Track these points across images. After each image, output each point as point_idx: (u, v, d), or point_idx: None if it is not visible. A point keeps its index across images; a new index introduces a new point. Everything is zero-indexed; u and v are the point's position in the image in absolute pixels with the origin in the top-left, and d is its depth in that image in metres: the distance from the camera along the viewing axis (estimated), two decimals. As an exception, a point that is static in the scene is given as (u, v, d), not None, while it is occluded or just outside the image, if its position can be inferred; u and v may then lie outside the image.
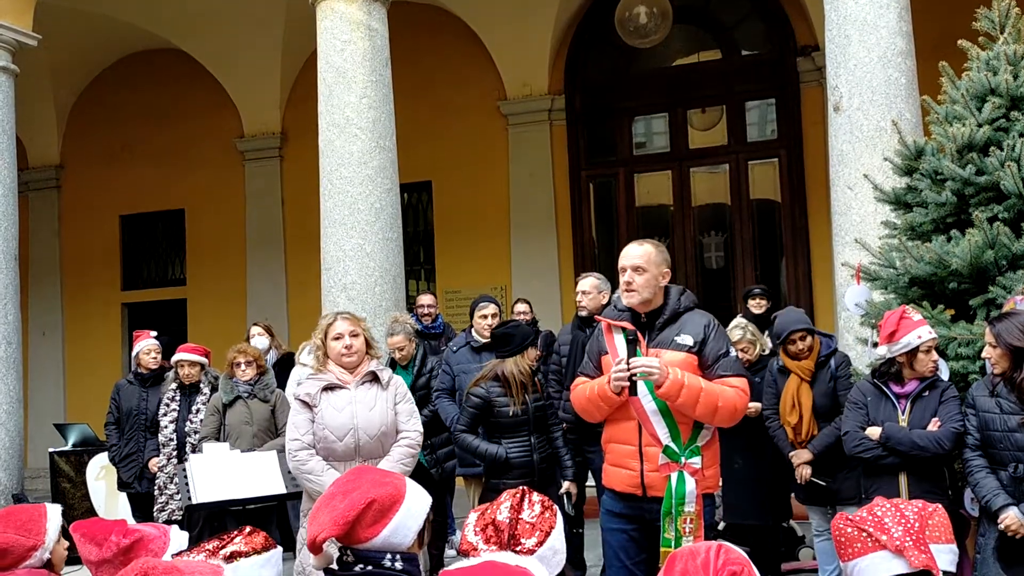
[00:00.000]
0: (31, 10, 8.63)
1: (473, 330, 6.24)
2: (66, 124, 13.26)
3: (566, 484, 5.31)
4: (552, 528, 2.23)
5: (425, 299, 7.51)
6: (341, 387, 4.42)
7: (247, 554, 2.30)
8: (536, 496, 2.28)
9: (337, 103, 7.30)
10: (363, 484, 2.28)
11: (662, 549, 3.66)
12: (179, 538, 2.79)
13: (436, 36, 11.40)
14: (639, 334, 3.77)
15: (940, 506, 2.07)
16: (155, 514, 6.62)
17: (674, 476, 3.65)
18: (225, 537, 2.38)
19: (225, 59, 11.94)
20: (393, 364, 6.49)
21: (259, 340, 7.34)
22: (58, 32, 11.44)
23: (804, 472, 5.30)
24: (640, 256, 3.81)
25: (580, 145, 11.29)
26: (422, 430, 4.55)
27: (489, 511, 2.26)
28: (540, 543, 2.18)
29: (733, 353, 3.79)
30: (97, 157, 13.00)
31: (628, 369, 3.66)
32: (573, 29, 11.35)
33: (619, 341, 3.83)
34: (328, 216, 7.30)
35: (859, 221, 6.13)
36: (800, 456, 5.31)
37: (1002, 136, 4.70)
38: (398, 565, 2.26)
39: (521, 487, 2.33)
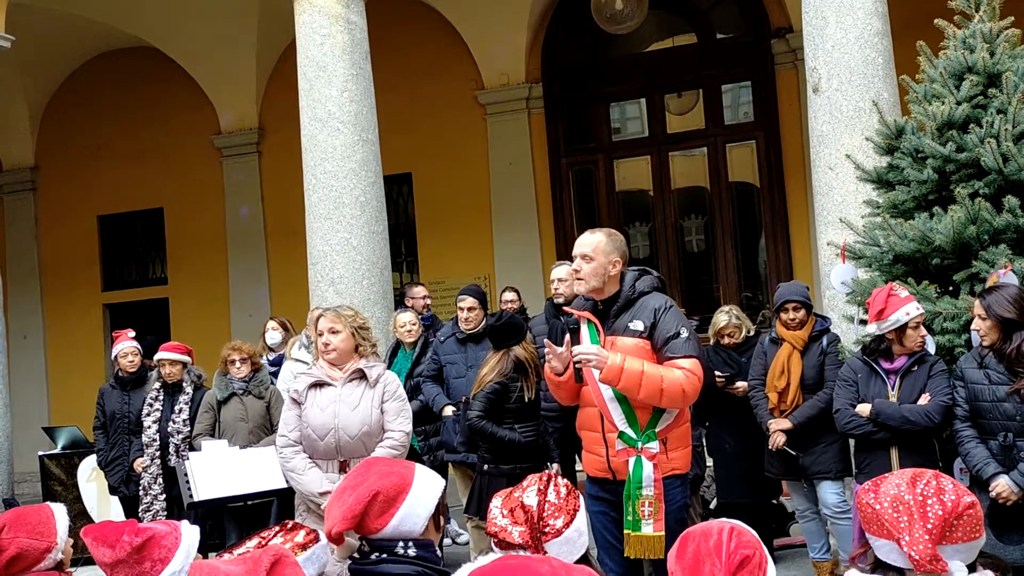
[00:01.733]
0: (3, 11, 8.53)
1: (459, 321, 6.29)
2: (40, 125, 13.13)
3: (555, 466, 5.38)
4: (577, 510, 2.29)
5: (419, 291, 7.53)
6: (329, 384, 4.40)
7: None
8: (561, 480, 2.35)
9: (318, 97, 7.29)
10: (370, 477, 2.34)
11: (625, 531, 3.74)
12: (190, 533, 2.81)
13: (412, 28, 11.36)
14: (598, 324, 3.85)
15: (977, 502, 2.05)
16: (140, 514, 6.58)
17: (631, 460, 3.71)
18: (266, 535, 2.42)
19: (200, 56, 11.85)
20: (396, 346, 6.53)
21: (273, 335, 7.35)
22: (30, 32, 11.31)
23: (778, 440, 5.38)
24: (588, 245, 3.87)
25: (559, 132, 11.32)
26: (409, 430, 4.49)
27: (516, 494, 2.31)
28: (567, 524, 2.25)
29: (684, 334, 3.79)
30: (73, 158, 12.88)
31: (571, 357, 3.74)
32: (548, 17, 11.36)
33: (584, 330, 3.90)
34: (313, 211, 7.30)
35: (840, 201, 6.21)
36: (779, 423, 5.39)
37: (980, 113, 4.79)
38: (411, 552, 2.31)
39: (546, 472, 2.39)
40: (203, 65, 11.96)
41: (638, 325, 3.81)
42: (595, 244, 3.86)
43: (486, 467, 5.26)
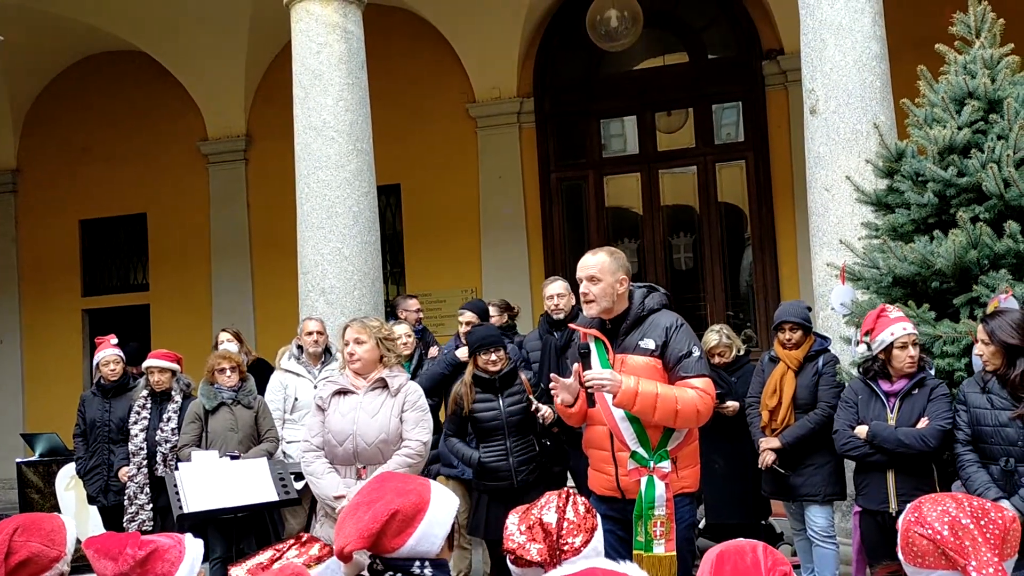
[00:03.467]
0: (-9, 10, 8.42)
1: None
2: (23, 126, 12.96)
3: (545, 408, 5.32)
4: (594, 528, 2.26)
5: (412, 304, 7.48)
6: (352, 392, 4.52)
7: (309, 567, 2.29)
8: (580, 498, 2.31)
9: (313, 106, 7.24)
10: (386, 494, 2.27)
11: (634, 552, 3.69)
12: (194, 546, 2.75)
13: (405, 39, 11.34)
14: (606, 342, 3.82)
15: (1016, 517, 2.04)
16: (125, 525, 6.47)
17: (643, 480, 3.67)
18: (280, 548, 2.36)
19: (188, 61, 11.76)
20: None
21: (228, 347, 7.23)
22: (15, 32, 11.18)
23: (767, 458, 5.39)
24: (594, 266, 3.83)
25: (549, 147, 11.32)
26: (428, 440, 4.57)
27: (534, 511, 2.28)
28: (585, 543, 2.21)
29: (696, 353, 3.77)
30: (56, 160, 12.72)
31: (582, 383, 3.71)
32: (542, 32, 11.37)
33: (593, 351, 3.85)
34: (305, 220, 7.23)
35: (836, 222, 6.22)
36: (768, 443, 5.40)
37: (981, 139, 4.82)
38: (427, 572, 2.26)
39: (566, 489, 2.35)
40: (191, 71, 11.86)
41: (649, 343, 3.77)
42: (600, 264, 3.83)
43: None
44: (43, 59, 12.44)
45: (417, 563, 2.24)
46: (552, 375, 3.90)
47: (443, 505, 2.31)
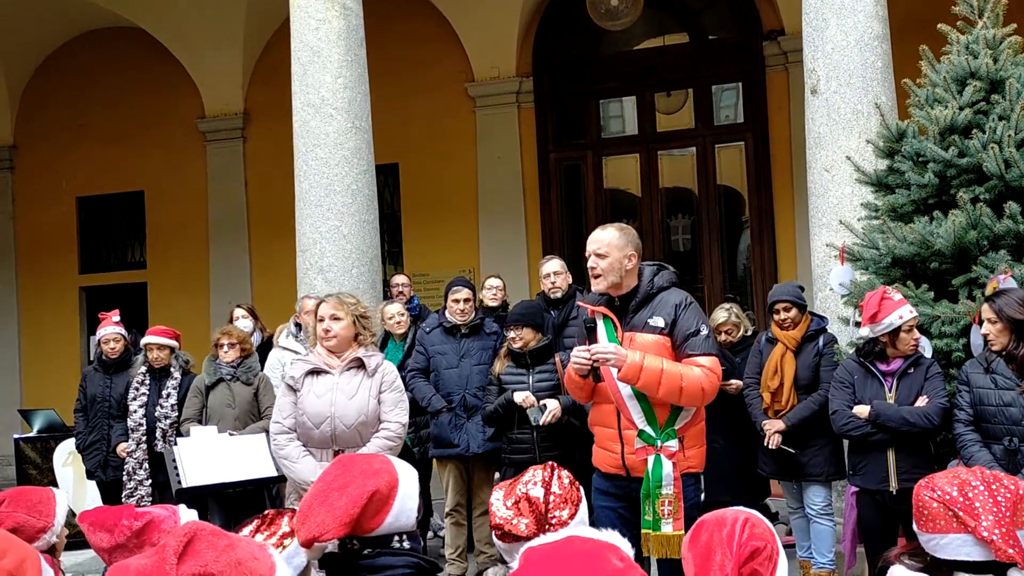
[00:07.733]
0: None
1: (447, 312, 6.23)
2: (19, 103, 12.88)
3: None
4: (580, 500, 2.27)
5: (399, 279, 7.47)
6: (326, 372, 4.32)
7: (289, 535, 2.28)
8: (564, 471, 2.32)
9: (312, 83, 7.19)
10: (355, 476, 2.24)
11: (642, 531, 3.70)
12: (188, 516, 2.76)
13: (404, 17, 11.27)
14: (614, 318, 3.82)
15: None
16: (123, 500, 6.50)
17: (651, 459, 3.68)
18: (248, 530, 2.36)
19: (185, 38, 11.67)
20: (386, 338, 6.48)
21: (243, 323, 7.23)
22: (11, 8, 11.12)
23: (775, 439, 5.40)
24: (602, 241, 3.83)
25: (548, 127, 11.27)
26: (406, 421, 4.43)
27: (519, 487, 2.27)
28: (572, 516, 2.22)
29: (704, 331, 3.78)
30: (52, 138, 12.64)
31: (589, 356, 3.70)
32: (541, 11, 11.30)
33: (600, 327, 3.86)
34: (304, 198, 7.20)
35: (836, 203, 6.21)
36: (774, 425, 5.40)
37: (982, 119, 4.82)
38: (406, 544, 2.28)
39: (549, 463, 2.36)
40: (189, 48, 11.78)
41: (658, 321, 3.77)
42: (608, 240, 3.83)
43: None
44: (40, 36, 12.35)
45: (396, 538, 2.25)
46: (577, 348, 3.87)
47: (409, 478, 2.31)
